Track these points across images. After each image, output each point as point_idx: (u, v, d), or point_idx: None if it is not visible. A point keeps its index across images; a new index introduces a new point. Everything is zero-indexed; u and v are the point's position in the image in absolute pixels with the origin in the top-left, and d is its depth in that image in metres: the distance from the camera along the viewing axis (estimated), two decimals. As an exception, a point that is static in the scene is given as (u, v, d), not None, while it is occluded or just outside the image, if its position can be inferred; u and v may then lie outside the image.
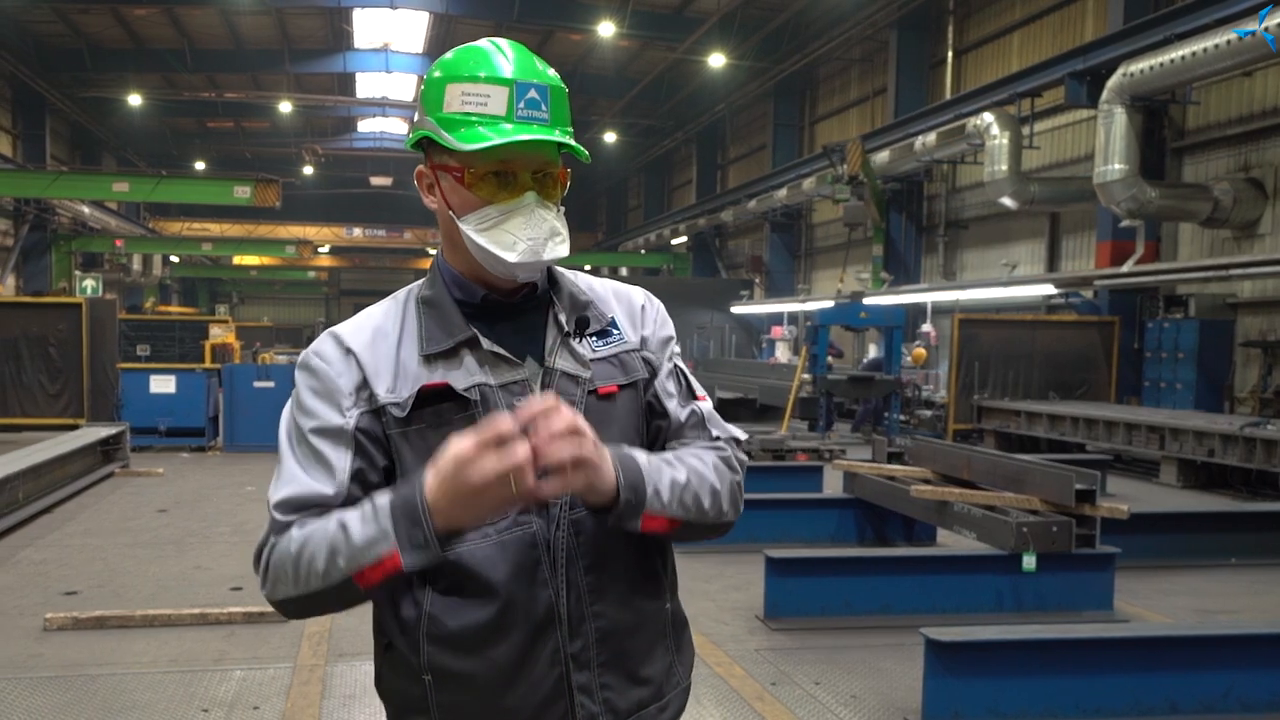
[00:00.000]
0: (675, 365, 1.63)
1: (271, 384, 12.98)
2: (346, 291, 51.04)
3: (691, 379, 1.64)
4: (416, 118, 1.51)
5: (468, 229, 1.44)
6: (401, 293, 1.57)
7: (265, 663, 4.93)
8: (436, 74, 1.47)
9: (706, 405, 1.63)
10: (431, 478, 1.30)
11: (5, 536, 7.61)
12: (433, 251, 44.72)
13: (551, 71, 1.48)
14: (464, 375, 1.45)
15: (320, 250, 43.23)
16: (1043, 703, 4.13)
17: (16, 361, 12.83)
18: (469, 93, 1.42)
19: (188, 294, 44.59)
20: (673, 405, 1.59)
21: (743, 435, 1.65)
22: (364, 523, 1.34)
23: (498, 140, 1.39)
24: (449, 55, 1.49)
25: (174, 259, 38.37)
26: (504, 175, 1.44)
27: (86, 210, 27.61)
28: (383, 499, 1.35)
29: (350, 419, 1.43)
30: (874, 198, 20.33)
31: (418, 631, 1.44)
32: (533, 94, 1.43)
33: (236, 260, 40.19)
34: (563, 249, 1.47)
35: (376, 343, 1.47)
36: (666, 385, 1.60)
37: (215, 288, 48.41)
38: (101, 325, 13.10)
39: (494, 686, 1.43)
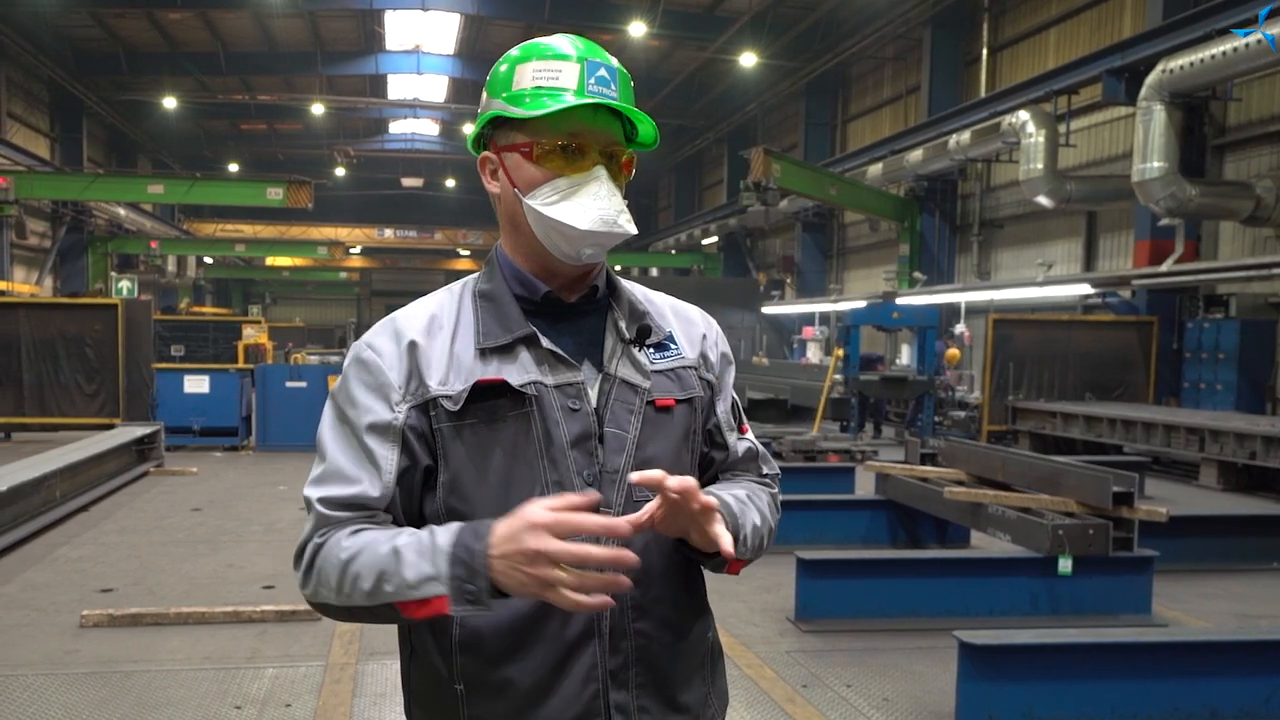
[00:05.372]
0: (733, 395, 1.64)
1: (304, 384, 13.07)
2: (378, 292, 51.38)
3: (741, 411, 1.66)
4: (481, 108, 1.50)
5: (535, 204, 1.41)
6: (456, 285, 1.53)
7: (297, 661, 4.95)
8: (504, 66, 1.47)
9: (753, 437, 1.66)
10: (501, 532, 1.25)
11: (43, 534, 7.70)
12: (464, 252, 45.09)
13: (616, 61, 1.49)
14: (519, 372, 1.41)
15: (352, 251, 43.59)
16: (1078, 707, 4.06)
17: (54, 361, 13.00)
18: (540, 69, 1.42)
19: (221, 295, 45.08)
20: (732, 439, 1.61)
21: (780, 472, 1.70)
22: (419, 557, 1.28)
23: (572, 102, 1.38)
24: (514, 50, 1.49)
25: (208, 260, 38.81)
26: (572, 150, 1.42)
27: (122, 212, 28.00)
28: (444, 537, 1.29)
29: (399, 414, 1.39)
30: (881, 206, 20.54)
31: (449, 638, 1.40)
32: (602, 72, 1.43)
33: (269, 261, 40.58)
34: (631, 226, 1.46)
35: (432, 333, 1.44)
36: (729, 418, 1.61)
37: (248, 288, 48.87)
38: (137, 326, 13.24)
39: (528, 699, 1.39)
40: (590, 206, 1.41)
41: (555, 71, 1.41)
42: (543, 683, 1.38)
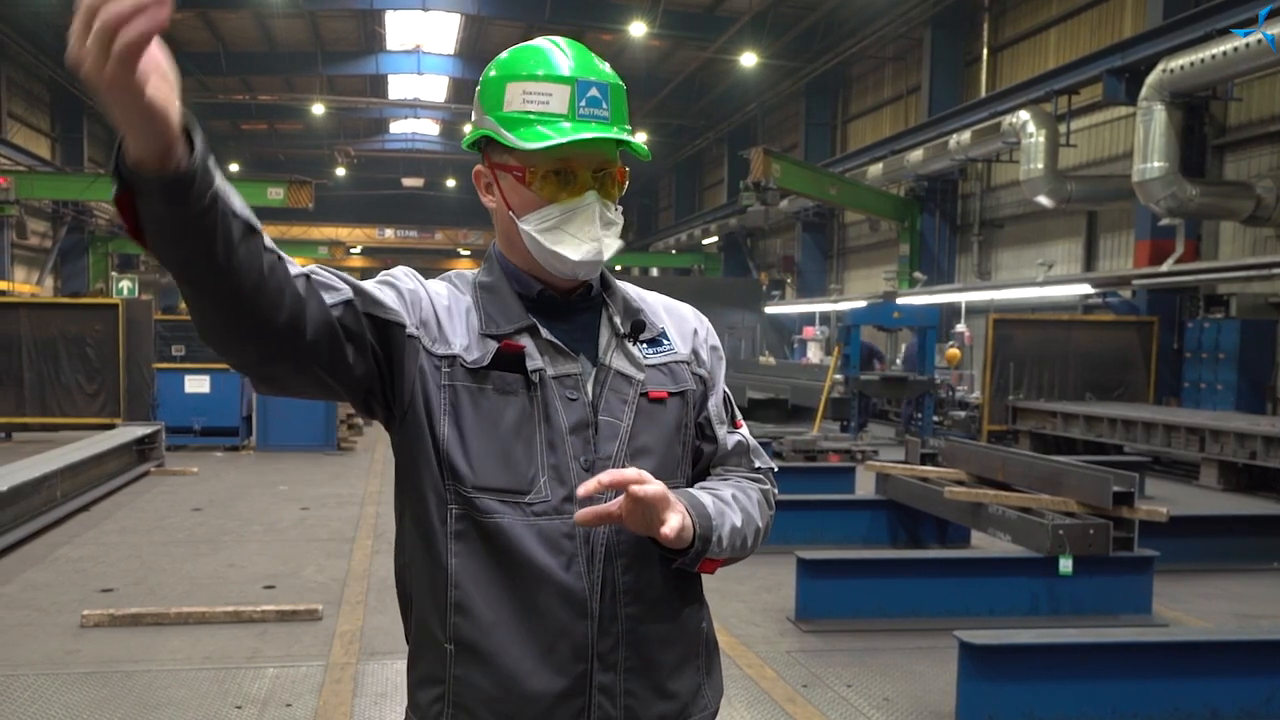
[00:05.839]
0: (725, 390, 1.66)
1: (304, 384, 13.06)
2: (379, 292, 51.34)
3: (735, 406, 1.68)
4: (475, 117, 1.51)
5: (528, 228, 1.44)
6: (454, 275, 1.56)
7: (298, 661, 4.95)
8: (494, 73, 1.47)
9: (747, 433, 1.67)
10: None
11: (44, 534, 7.70)
12: (464, 252, 45.07)
13: (609, 68, 1.48)
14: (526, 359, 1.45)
15: (353, 251, 43.57)
16: (1079, 707, 4.06)
17: (54, 361, 13.00)
18: (530, 91, 1.42)
19: (223, 295, 44.99)
20: (722, 432, 1.63)
21: (776, 467, 1.70)
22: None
23: (561, 139, 1.39)
24: (505, 55, 1.49)
25: (209, 260, 38.72)
26: (565, 174, 1.43)
27: (124, 212, 27.95)
28: None
29: (409, 326, 1.40)
30: (877, 203, 20.57)
31: (445, 597, 1.43)
32: (593, 92, 1.43)
33: (270, 261, 40.52)
34: (618, 243, 1.48)
35: (452, 301, 1.48)
36: (720, 411, 1.63)
37: (250, 289, 48.85)
38: (137, 326, 13.24)
39: (515, 669, 1.41)
40: (583, 237, 1.43)
41: (545, 95, 1.42)
42: (531, 656, 1.41)
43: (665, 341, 1.57)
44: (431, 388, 1.42)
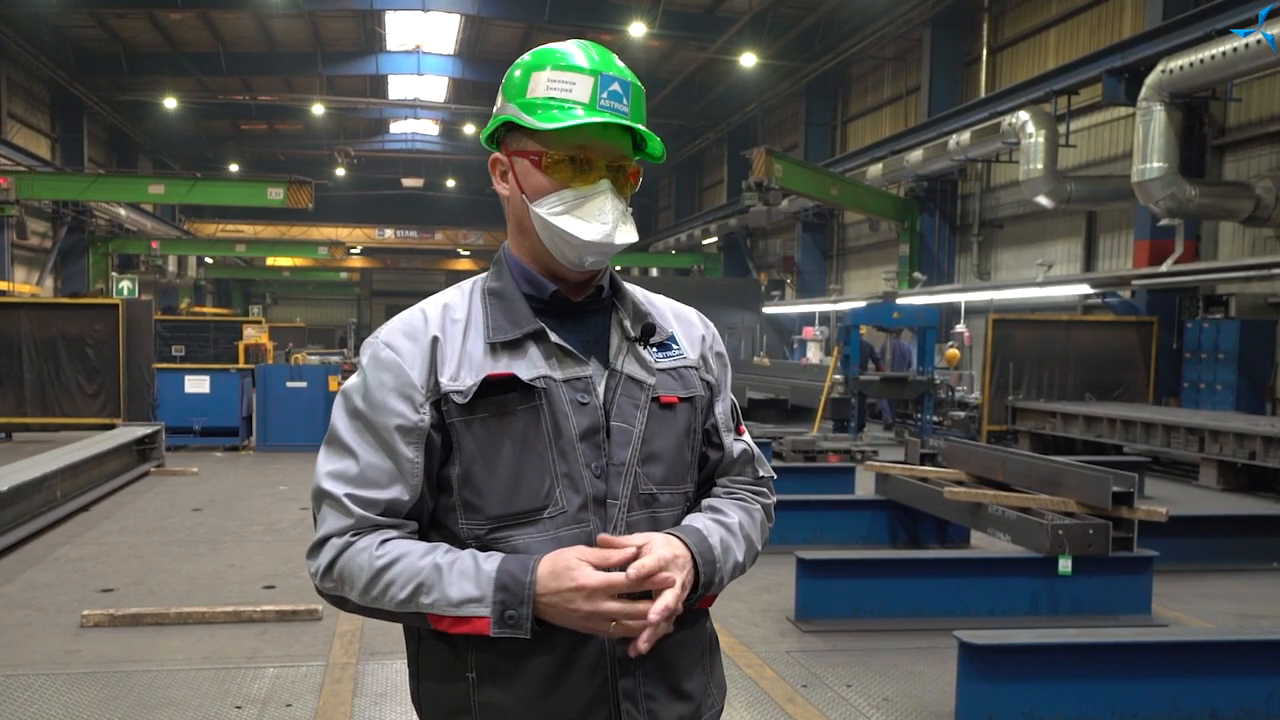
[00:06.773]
0: (731, 397, 1.67)
1: (304, 384, 13.08)
2: (378, 292, 51.40)
3: (739, 411, 1.70)
4: (496, 108, 1.53)
5: (541, 211, 1.45)
6: (466, 284, 1.57)
7: (298, 660, 4.95)
8: (519, 68, 1.50)
9: (750, 439, 1.69)
10: (546, 574, 1.33)
11: (44, 534, 7.71)
12: (464, 253, 45.11)
13: (631, 73, 1.51)
14: (528, 366, 1.44)
15: (352, 251, 43.59)
16: (1078, 707, 4.06)
17: (55, 362, 13.01)
18: (555, 79, 1.45)
19: (222, 295, 45.08)
20: (729, 440, 1.64)
21: (775, 475, 1.73)
22: (462, 577, 1.35)
23: (582, 120, 1.41)
24: (528, 55, 1.51)
25: (208, 260, 38.77)
26: (580, 162, 1.46)
27: (123, 212, 27.99)
28: (489, 563, 1.36)
29: (424, 415, 1.43)
30: (871, 202, 20.60)
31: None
32: (615, 86, 1.46)
33: (270, 261, 40.60)
34: (632, 234, 1.50)
35: (446, 328, 1.48)
36: (727, 419, 1.64)
37: (249, 289, 48.88)
38: (137, 326, 13.24)
39: (538, 687, 1.42)
40: (594, 219, 1.45)
41: (569, 84, 1.44)
42: (553, 672, 1.41)
43: (674, 346, 1.58)
44: (441, 431, 1.44)
